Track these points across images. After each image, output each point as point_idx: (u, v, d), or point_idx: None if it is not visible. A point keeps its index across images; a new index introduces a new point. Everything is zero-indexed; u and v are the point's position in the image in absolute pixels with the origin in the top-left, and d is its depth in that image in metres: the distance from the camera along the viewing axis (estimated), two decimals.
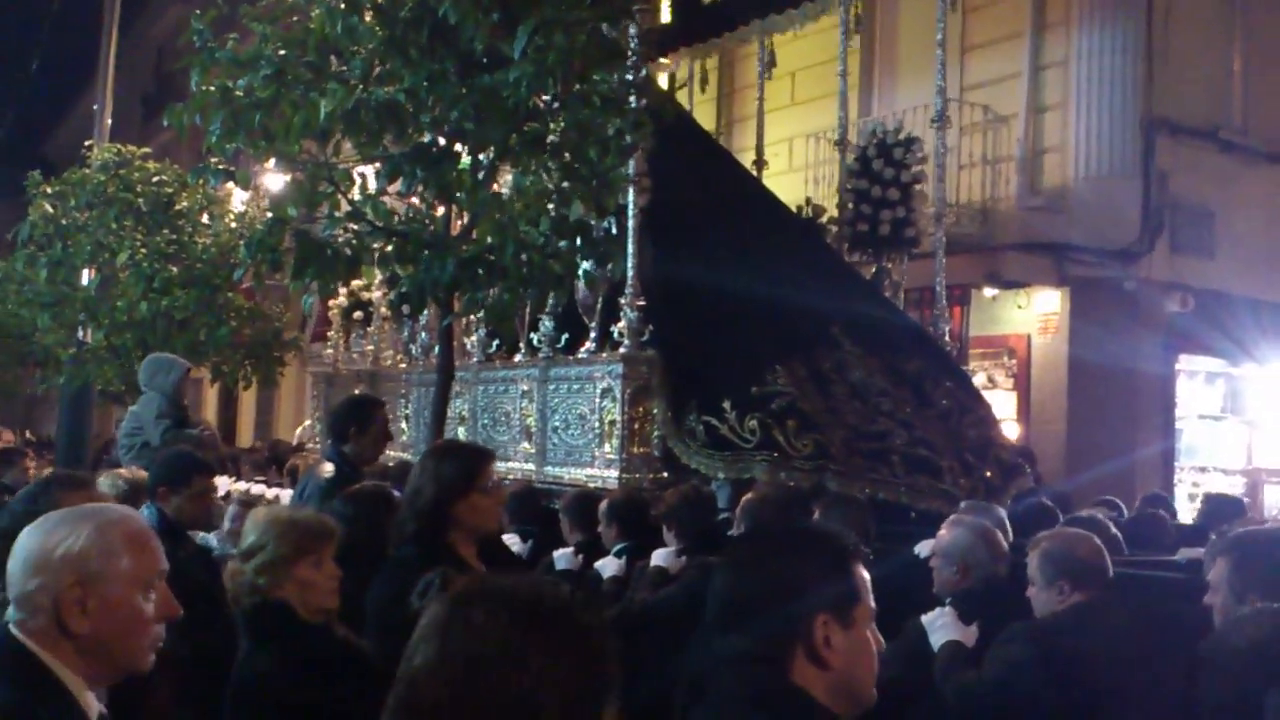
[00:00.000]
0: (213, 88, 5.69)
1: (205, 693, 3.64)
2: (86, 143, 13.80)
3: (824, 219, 9.56)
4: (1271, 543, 3.60)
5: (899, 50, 13.84)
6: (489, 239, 5.69)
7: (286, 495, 7.73)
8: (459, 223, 6.07)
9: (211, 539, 5.99)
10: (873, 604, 2.20)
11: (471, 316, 8.26)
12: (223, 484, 7.39)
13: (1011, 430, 12.09)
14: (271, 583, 3.39)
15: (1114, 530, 5.35)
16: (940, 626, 4.04)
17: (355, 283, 9.57)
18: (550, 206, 5.91)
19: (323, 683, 3.28)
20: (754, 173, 10.48)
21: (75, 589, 2.24)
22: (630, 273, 6.82)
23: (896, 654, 3.67)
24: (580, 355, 7.32)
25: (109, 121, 15.19)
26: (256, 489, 8.71)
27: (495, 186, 6.01)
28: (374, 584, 3.80)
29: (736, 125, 15.61)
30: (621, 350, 6.92)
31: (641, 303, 6.91)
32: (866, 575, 2.21)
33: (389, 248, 5.87)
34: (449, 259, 5.67)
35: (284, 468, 9.45)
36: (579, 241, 5.96)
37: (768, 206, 9.12)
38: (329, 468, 5.78)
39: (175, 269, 11.65)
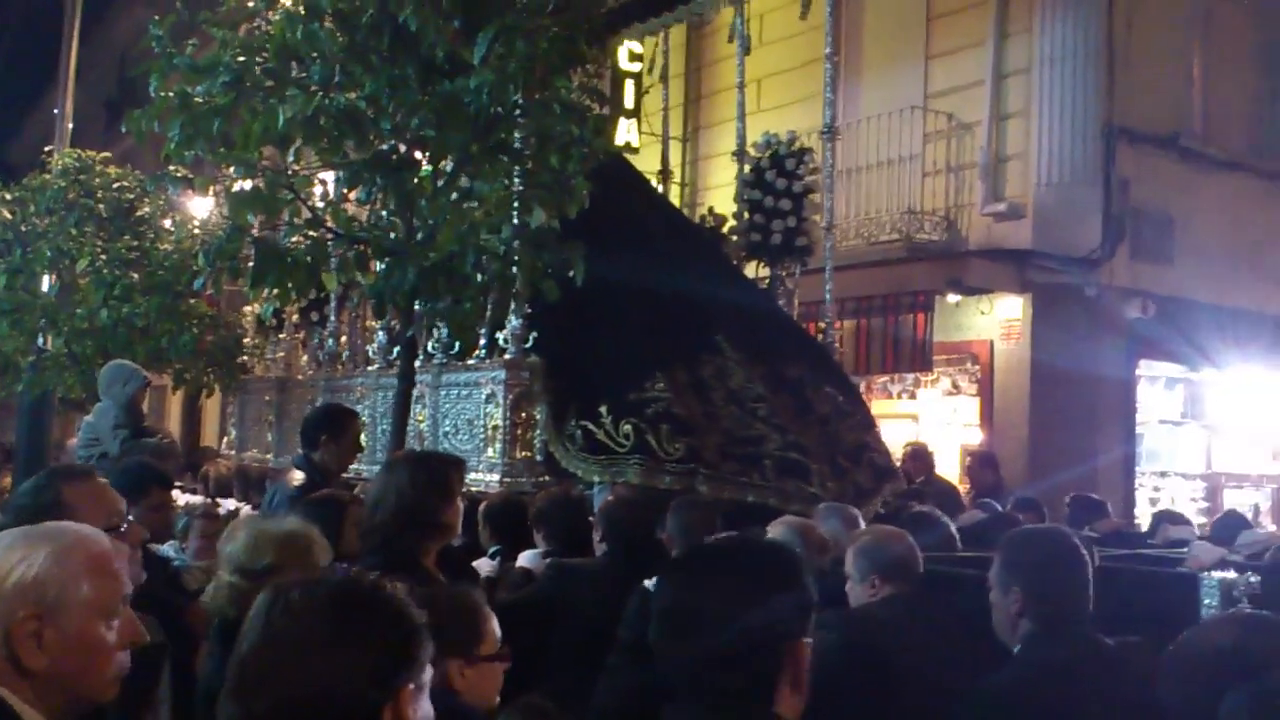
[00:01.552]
0: (171, 94, 5.66)
1: (138, 694, 3.60)
2: (47, 148, 13.68)
3: (725, 228, 9.71)
4: (1036, 539, 3.78)
5: (864, 56, 13.91)
6: (450, 247, 5.68)
7: (197, 501, 7.81)
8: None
9: (168, 549, 5.93)
10: None
11: (373, 322, 8.55)
12: None
13: (975, 435, 12.18)
14: None
15: (952, 529, 5.67)
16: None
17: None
18: (512, 214, 5.91)
19: None
20: (659, 184, 10.95)
21: (30, 622, 2.05)
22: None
23: None
24: (470, 362, 7.47)
25: (70, 126, 15.08)
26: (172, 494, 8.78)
27: (455, 194, 6.00)
28: None
29: (703, 131, 15.65)
30: (505, 357, 7.10)
31: (527, 310, 7.04)
32: None
33: (349, 255, 5.85)
34: (410, 266, 5.65)
35: (198, 473, 9.52)
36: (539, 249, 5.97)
37: (665, 216, 9.29)
38: (298, 476, 5.74)
39: (136, 276, 11.52)
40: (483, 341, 7.40)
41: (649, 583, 4.21)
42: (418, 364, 7.79)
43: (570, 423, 6.91)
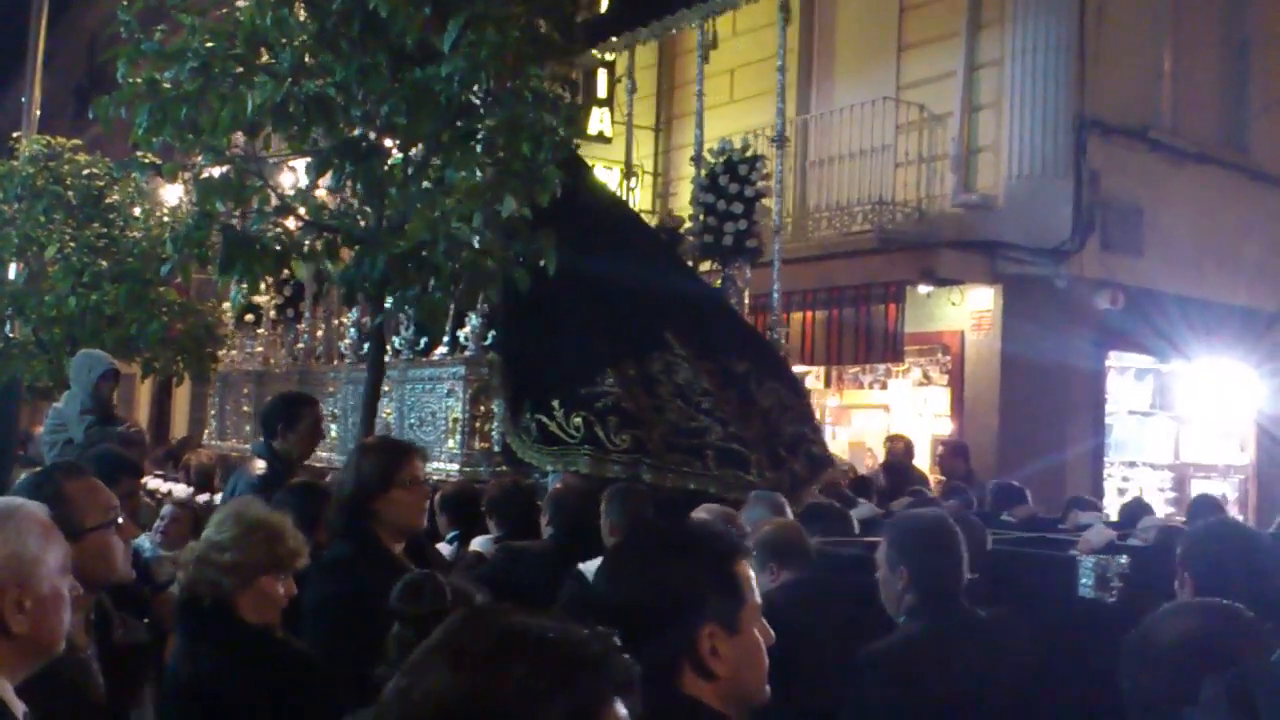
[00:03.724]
0: (139, 80, 5.61)
1: (127, 690, 3.60)
2: (15, 134, 13.56)
3: (682, 229, 10.00)
4: (920, 524, 4.14)
5: (836, 46, 13.94)
6: (420, 235, 5.66)
7: (180, 489, 7.87)
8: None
9: (144, 541, 5.90)
10: (758, 600, 2.23)
11: (344, 320, 8.97)
12: None
13: (945, 426, 12.24)
14: (235, 586, 3.36)
15: (851, 519, 6.11)
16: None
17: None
18: (482, 202, 5.89)
19: (264, 684, 3.24)
20: (625, 182, 11.28)
21: (13, 590, 2.26)
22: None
23: None
24: (433, 358, 7.89)
25: (38, 113, 14.96)
26: (154, 483, 8.92)
27: (426, 182, 5.98)
28: (310, 582, 3.78)
29: (675, 121, 15.63)
30: (465, 354, 7.51)
31: (484, 308, 7.42)
32: (750, 573, 2.24)
33: (319, 243, 5.82)
34: (379, 255, 5.63)
35: (179, 463, 9.63)
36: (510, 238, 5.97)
37: (620, 218, 9.46)
38: (260, 464, 5.79)
39: (105, 263, 11.46)
40: (445, 338, 7.66)
41: (583, 566, 4.55)
42: (386, 359, 7.96)
43: (525, 415, 7.21)
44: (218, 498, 7.39)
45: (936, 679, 3.72)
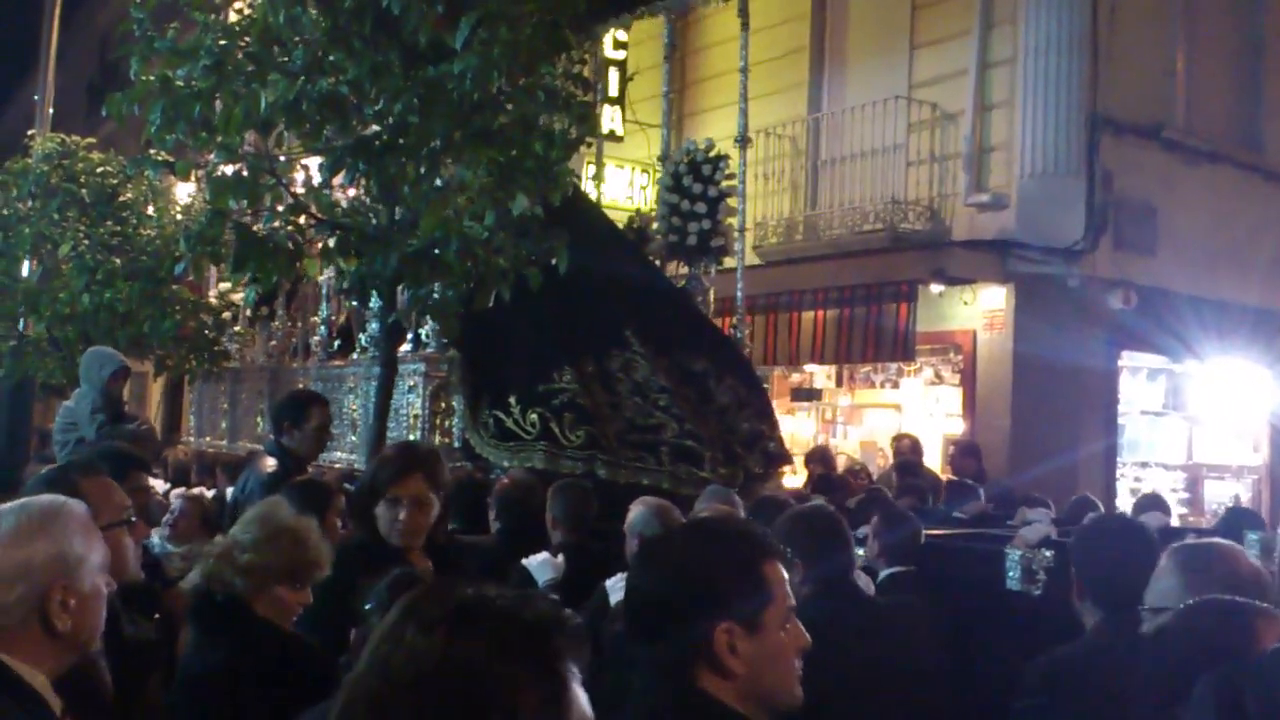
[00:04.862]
0: (152, 78, 5.63)
1: (135, 688, 3.60)
2: (29, 132, 13.59)
3: (651, 228, 10.11)
4: (808, 519, 4.36)
5: (848, 45, 13.91)
6: (432, 233, 5.67)
7: (157, 484, 7.91)
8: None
9: (154, 536, 5.91)
10: (790, 603, 2.22)
11: (314, 319, 9.13)
12: None
13: (957, 425, 12.21)
14: (250, 587, 3.37)
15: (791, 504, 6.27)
16: (617, 589, 4.55)
17: (224, 284, 10.85)
18: (494, 200, 5.90)
19: (275, 678, 3.26)
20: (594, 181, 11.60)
21: (58, 590, 2.30)
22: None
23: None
24: (399, 355, 7.86)
25: (51, 111, 15.00)
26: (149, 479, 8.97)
27: (438, 180, 5.99)
28: None
29: (686, 119, 15.61)
30: (426, 351, 7.69)
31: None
32: (784, 574, 2.23)
33: (331, 241, 5.84)
34: (392, 253, 5.65)
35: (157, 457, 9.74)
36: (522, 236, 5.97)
37: (584, 213, 9.53)
38: (271, 462, 5.83)
39: (119, 261, 11.46)
40: (409, 336, 7.73)
41: (527, 560, 4.80)
42: (355, 355, 8.05)
43: (484, 412, 7.35)
44: (193, 492, 7.41)
45: (827, 668, 3.79)
